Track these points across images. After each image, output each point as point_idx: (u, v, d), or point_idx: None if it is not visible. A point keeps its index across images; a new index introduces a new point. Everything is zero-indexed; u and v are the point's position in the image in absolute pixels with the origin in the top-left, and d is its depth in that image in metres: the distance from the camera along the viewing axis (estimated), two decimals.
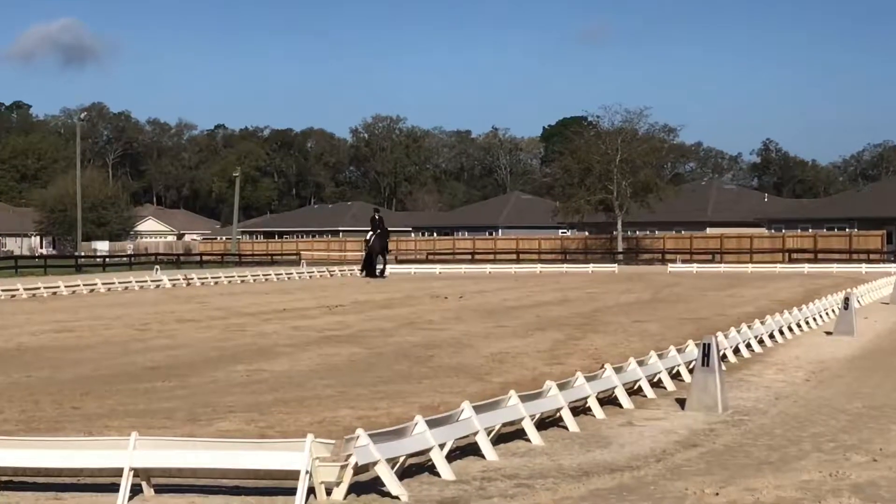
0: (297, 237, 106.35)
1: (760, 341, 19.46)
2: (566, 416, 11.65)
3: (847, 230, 76.68)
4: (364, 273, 50.67)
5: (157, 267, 59.75)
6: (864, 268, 56.79)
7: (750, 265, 62.02)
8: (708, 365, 12.83)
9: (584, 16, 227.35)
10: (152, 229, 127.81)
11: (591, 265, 64.93)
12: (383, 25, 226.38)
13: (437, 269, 63.50)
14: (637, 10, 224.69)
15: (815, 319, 24.23)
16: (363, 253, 52.17)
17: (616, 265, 65.70)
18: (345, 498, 8.37)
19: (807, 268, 58.37)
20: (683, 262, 66.05)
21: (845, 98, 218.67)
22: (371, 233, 50.30)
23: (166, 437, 9.47)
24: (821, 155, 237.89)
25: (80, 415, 12.35)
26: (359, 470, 8.42)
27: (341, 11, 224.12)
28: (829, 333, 22.12)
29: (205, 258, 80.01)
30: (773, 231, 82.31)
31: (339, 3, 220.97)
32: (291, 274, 53.78)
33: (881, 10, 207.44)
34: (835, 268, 57.94)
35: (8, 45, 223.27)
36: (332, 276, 55.36)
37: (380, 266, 50.31)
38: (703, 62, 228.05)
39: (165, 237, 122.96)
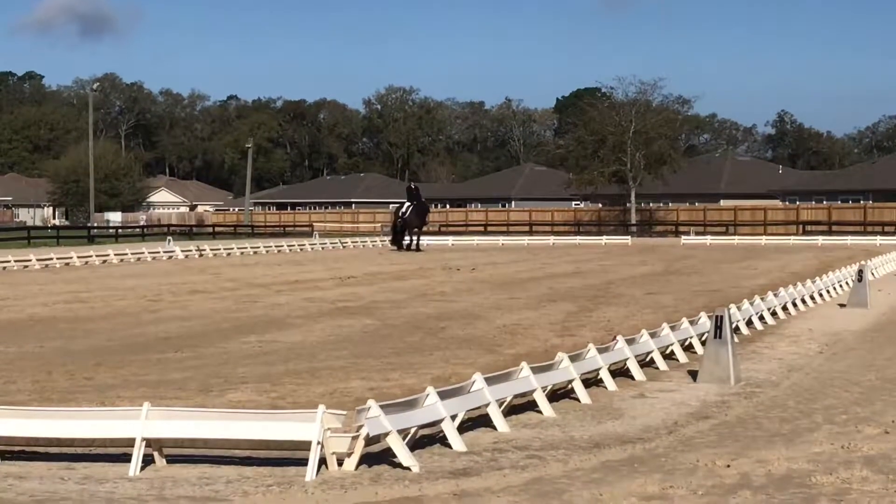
0: (310, 209, 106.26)
1: (774, 313, 19.41)
2: (578, 387, 11.65)
3: (862, 202, 76.29)
4: (405, 245, 49.12)
5: (170, 238, 59.78)
6: (878, 240, 56.52)
7: (764, 237, 61.74)
8: (720, 337, 12.80)
9: None
10: (165, 200, 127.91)
11: (605, 237, 64.80)
12: None
13: (450, 240, 63.36)
14: None
15: (828, 292, 24.16)
16: (390, 224, 51.13)
17: (629, 237, 65.53)
18: (356, 468, 8.38)
19: (821, 240, 58.15)
20: (697, 234, 65.91)
21: (860, 69, 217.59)
22: (408, 203, 49.33)
23: (178, 407, 9.49)
24: (836, 126, 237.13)
25: (93, 385, 12.39)
26: (370, 441, 8.43)
27: None
28: (842, 306, 22.06)
29: (217, 229, 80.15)
30: (787, 203, 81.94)
31: None
32: (304, 245, 53.84)
33: None
34: (849, 240, 57.70)
35: (26, 15, 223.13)
36: (344, 247, 55.41)
37: (414, 238, 49.40)
38: (718, 33, 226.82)
39: (178, 208, 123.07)
